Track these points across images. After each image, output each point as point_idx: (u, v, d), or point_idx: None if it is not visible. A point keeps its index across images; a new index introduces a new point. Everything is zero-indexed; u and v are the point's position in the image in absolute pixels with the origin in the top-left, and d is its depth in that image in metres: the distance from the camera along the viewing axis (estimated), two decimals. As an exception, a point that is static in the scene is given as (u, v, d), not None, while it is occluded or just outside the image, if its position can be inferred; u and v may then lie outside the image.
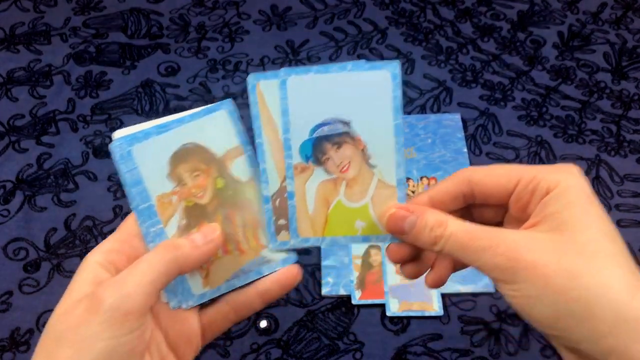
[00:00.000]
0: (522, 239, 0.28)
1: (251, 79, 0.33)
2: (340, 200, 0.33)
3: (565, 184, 0.30)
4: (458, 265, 0.35)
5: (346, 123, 0.32)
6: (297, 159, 0.33)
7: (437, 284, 0.34)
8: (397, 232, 0.32)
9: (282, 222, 0.33)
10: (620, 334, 0.26)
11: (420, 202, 0.33)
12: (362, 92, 0.31)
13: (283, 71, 0.32)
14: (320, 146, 0.32)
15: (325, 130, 0.32)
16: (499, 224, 0.35)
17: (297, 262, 0.35)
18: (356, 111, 0.32)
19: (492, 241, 0.28)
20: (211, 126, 0.35)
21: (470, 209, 0.34)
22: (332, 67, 0.32)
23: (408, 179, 0.77)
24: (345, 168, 0.33)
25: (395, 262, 0.34)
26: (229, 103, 0.36)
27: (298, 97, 0.32)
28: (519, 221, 0.32)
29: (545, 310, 0.27)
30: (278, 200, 0.33)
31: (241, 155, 0.35)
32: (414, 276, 0.34)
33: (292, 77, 0.32)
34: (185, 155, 0.34)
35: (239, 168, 0.35)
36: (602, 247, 0.28)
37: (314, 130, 0.32)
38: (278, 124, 0.32)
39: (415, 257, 0.34)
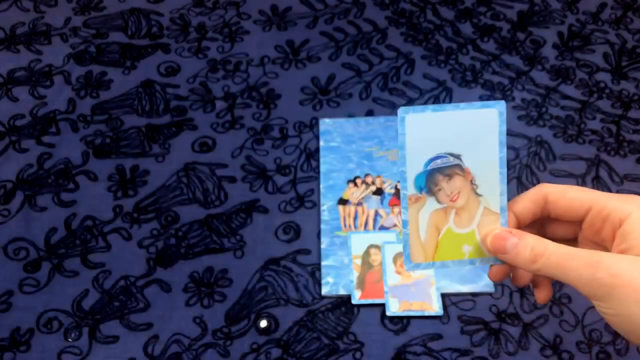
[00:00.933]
0: (622, 260, 0.31)
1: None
2: (449, 227, 0.36)
3: (638, 213, 0.33)
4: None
5: (457, 157, 0.35)
6: (411, 190, 0.36)
7: (547, 299, 0.38)
8: (500, 252, 0.35)
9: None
10: None
11: (509, 220, 0.36)
12: (472, 128, 0.35)
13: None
14: (432, 178, 0.36)
15: (438, 163, 0.35)
16: (573, 240, 0.38)
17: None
18: (466, 145, 0.35)
19: (591, 260, 0.31)
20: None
21: (545, 223, 0.38)
22: (446, 106, 0.35)
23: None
24: (455, 197, 0.36)
25: (495, 281, 0.37)
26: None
27: (415, 132, 0.35)
28: (593, 242, 0.35)
29: None
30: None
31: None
32: (501, 278, 0.38)
33: (410, 114, 0.35)
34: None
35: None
36: None
37: (427, 163, 0.36)
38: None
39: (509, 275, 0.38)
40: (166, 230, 0.74)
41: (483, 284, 0.67)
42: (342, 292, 0.68)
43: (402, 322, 0.66)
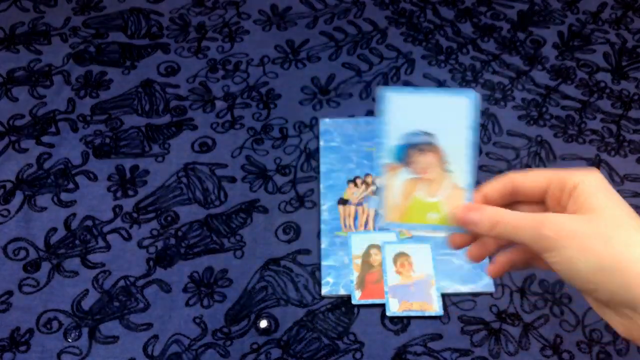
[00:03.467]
0: (564, 217, 0.37)
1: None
2: (418, 195, 0.42)
3: (588, 179, 0.38)
4: (516, 262, 0.43)
5: (431, 135, 0.40)
6: (390, 159, 0.41)
7: (498, 274, 0.44)
8: (463, 223, 0.40)
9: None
10: None
11: (477, 197, 0.41)
12: (446, 112, 0.40)
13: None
14: (408, 151, 0.41)
15: (413, 139, 0.41)
16: None
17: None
18: (440, 126, 0.40)
19: (539, 220, 0.37)
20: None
21: (515, 207, 0.42)
22: (424, 89, 0.41)
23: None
24: (425, 170, 0.41)
25: (456, 248, 0.42)
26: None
27: (395, 110, 0.40)
28: (556, 212, 0.40)
29: (584, 268, 0.35)
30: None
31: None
32: (477, 258, 0.43)
33: (391, 93, 0.40)
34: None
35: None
36: (627, 220, 0.36)
37: (405, 138, 0.41)
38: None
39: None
40: (166, 230, 0.74)
41: (483, 284, 0.67)
42: (342, 292, 0.68)
43: (402, 322, 0.66)
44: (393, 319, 0.66)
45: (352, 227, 0.73)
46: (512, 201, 0.42)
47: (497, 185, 0.41)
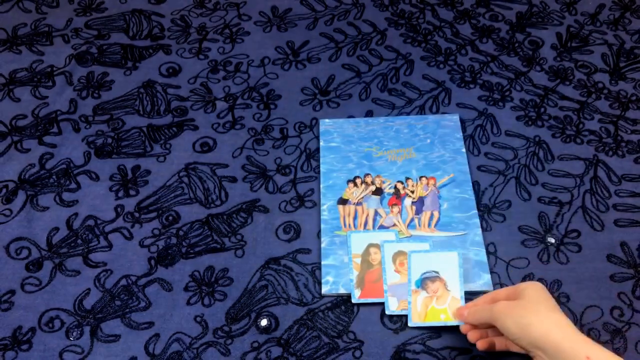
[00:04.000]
0: (506, 302, 0.58)
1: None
2: (433, 306, 0.66)
3: (530, 284, 0.59)
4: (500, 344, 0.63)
5: (437, 272, 0.67)
6: (413, 287, 0.67)
7: (483, 346, 0.62)
8: (458, 317, 0.64)
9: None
10: (549, 343, 0.53)
11: (470, 304, 0.64)
12: (445, 264, 0.68)
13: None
14: (424, 281, 0.67)
15: (427, 275, 0.68)
16: None
17: None
18: (443, 268, 0.67)
19: (493, 306, 0.58)
20: None
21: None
22: (431, 252, 0.70)
23: (407, 178, 0.77)
24: (435, 291, 0.67)
25: (466, 333, 0.63)
26: None
27: (414, 265, 0.69)
28: None
29: (512, 326, 0.55)
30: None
31: None
32: (477, 340, 0.63)
33: (413, 254, 0.69)
34: None
35: None
36: (542, 301, 0.56)
37: (423, 274, 0.68)
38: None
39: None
40: (167, 230, 0.74)
41: (481, 283, 0.68)
42: (342, 291, 0.68)
43: (402, 321, 0.66)
44: (392, 318, 0.67)
45: (352, 227, 0.73)
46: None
47: (485, 296, 0.63)
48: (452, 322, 0.65)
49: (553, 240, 0.72)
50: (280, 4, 1.00)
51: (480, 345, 0.62)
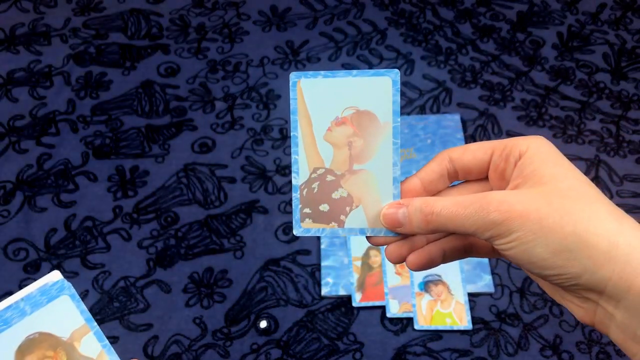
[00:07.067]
0: (510, 195, 0.31)
1: (293, 76, 0.38)
2: (438, 309, 0.66)
3: (535, 145, 0.33)
4: (451, 251, 0.36)
5: (440, 275, 0.62)
6: (416, 289, 0.66)
7: (419, 263, 0.35)
8: (396, 226, 0.34)
9: (306, 210, 0.36)
10: (616, 260, 0.28)
11: (412, 184, 0.35)
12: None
13: (322, 73, 0.38)
14: (427, 285, 0.67)
15: (429, 277, 0.67)
16: None
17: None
18: (445, 271, 0.51)
19: (481, 203, 0.31)
20: (53, 312, 0.36)
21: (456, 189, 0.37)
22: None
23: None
24: (439, 294, 0.66)
25: (395, 262, 0.36)
26: (70, 288, 0.39)
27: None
28: (500, 188, 0.35)
29: (543, 251, 0.29)
30: (305, 190, 0.36)
31: (88, 333, 0.37)
32: (418, 265, 0.36)
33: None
34: (30, 347, 0.36)
35: (89, 346, 0.38)
36: (584, 190, 0.31)
37: (425, 277, 0.68)
38: (312, 120, 0.38)
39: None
40: (166, 231, 0.74)
41: (483, 284, 0.67)
42: (341, 292, 0.68)
43: (402, 323, 0.66)
44: (393, 320, 0.66)
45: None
46: (451, 180, 0.36)
47: (433, 165, 0.35)
48: (459, 326, 0.64)
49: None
50: (279, 3, 1.00)
51: (416, 260, 0.35)
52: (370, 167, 0.35)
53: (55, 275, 0.38)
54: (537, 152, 0.32)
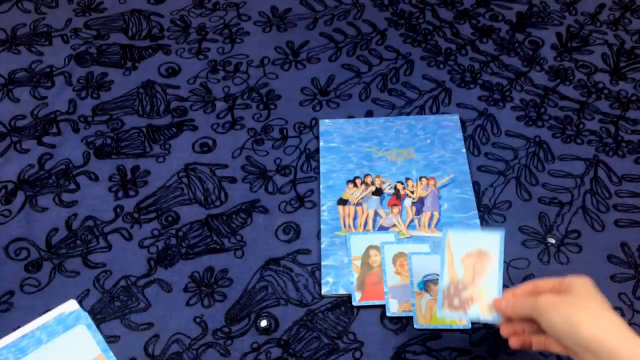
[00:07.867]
0: (551, 295, 0.52)
1: (443, 231, 0.59)
2: (435, 310, 0.67)
3: (577, 279, 0.52)
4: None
5: (439, 275, 0.61)
6: (415, 288, 0.67)
7: (517, 343, 0.56)
8: (498, 309, 0.56)
9: (446, 302, 0.58)
10: None
11: (508, 295, 0.57)
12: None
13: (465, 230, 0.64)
14: (427, 285, 0.68)
15: (429, 277, 0.68)
16: None
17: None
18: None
19: (535, 299, 0.52)
20: (69, 342, 0.36)
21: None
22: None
23: (407, 179, 0.77)
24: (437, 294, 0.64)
25: (504, 334, 0.56)
26: (86, 318, 0.38)
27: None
28: None
29: (558, 323, 0.49)
30: (446, 291, 0.58)
31: None
32: (517, 344, 0.56)
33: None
34: None
35: None
36: (592, 296, 0.50)
37: (425, 276, 0.68)
38: (453, 253, 0.59)
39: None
40: (167, 231, 0.74)
41: (482, 283, 0.68)
42: (342, 291, 0.68)
43: (402, 322, 0.66)
44: (392, 319, 0.66)
45: (351, 227, 0.73)
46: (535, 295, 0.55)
47: (525, 285, 0.56)
48: (458, 325, 0.65)
49: (553, 241, 0.72)
50: (279, 4, 1.00)
51: (515, 342, 0.56)
52: (484, 282, 0.58)
53: (72, 305, 0.37)
54: (575, 281, 0.52)
